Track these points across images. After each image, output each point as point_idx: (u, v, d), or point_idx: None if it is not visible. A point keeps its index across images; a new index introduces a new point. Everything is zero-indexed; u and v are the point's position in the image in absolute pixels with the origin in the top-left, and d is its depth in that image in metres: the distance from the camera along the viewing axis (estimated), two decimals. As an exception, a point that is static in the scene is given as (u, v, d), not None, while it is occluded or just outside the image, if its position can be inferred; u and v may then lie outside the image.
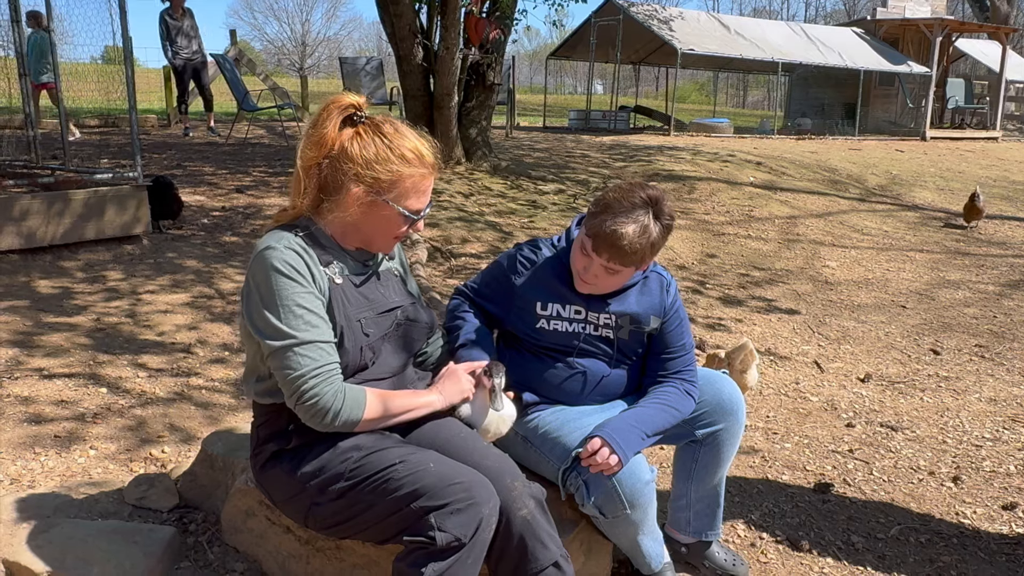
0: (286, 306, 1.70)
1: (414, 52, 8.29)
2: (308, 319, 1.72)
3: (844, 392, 3.97)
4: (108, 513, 2.33)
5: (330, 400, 1.70)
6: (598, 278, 2.05)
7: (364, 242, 1.87)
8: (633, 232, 1.95)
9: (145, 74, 16.77)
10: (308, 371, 1.69)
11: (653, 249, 2.02)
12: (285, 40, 57.65)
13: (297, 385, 1.69)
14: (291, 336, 1.69)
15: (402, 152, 1.77)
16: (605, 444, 1.94)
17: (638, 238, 1.96)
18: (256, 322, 1.72)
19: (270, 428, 1.84)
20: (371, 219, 1.81)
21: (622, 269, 2.03)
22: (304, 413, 1.71)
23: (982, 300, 5.88)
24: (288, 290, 1.71)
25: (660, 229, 2.00)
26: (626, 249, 1.96)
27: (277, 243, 1.74)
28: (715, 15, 18.71)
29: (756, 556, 2.53)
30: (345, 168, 1.76)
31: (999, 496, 2.95)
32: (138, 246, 5.32)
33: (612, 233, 1.95)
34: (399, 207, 1.79)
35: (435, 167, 1.84)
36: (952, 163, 13.08)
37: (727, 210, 8.22)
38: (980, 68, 22.74)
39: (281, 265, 1.71)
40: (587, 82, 20.87)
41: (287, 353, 1.69)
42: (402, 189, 1.78)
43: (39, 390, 3.31)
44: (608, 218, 1.97)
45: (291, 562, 2.10)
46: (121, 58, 5.56)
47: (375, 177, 1.76)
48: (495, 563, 1.79)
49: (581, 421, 2.09)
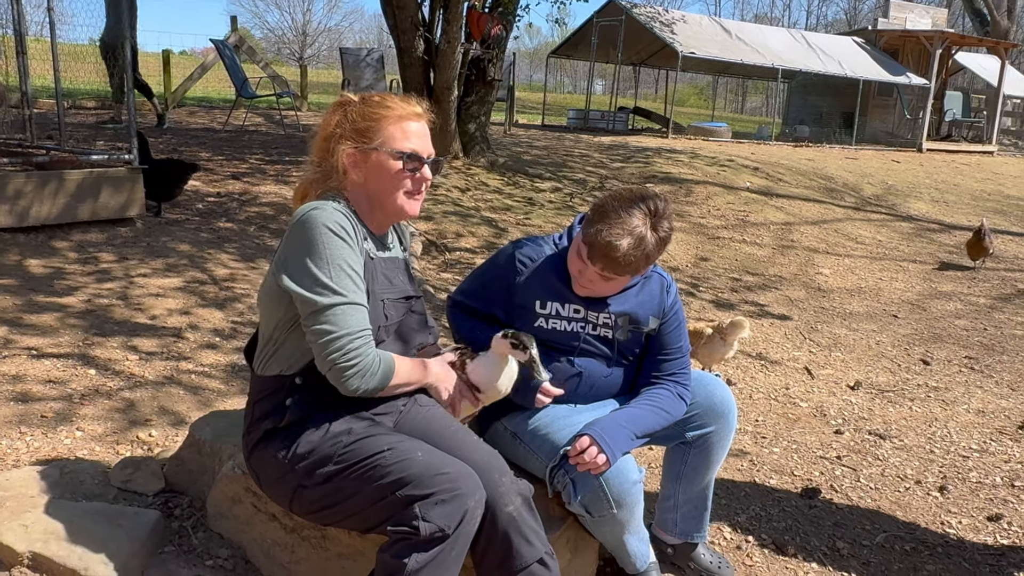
0: (337, 264, 1.71)
1: (415, 45, 8.27)
2: (356, 281, 1.73)
3: (834, 399, 3.98)
4: (93, 495, 2.32)
5: (371, 362, 1.72)
6: (593, 283, 2.05)
7: (382, 209, 1.88)
8: (628, 245, 1.94)
9: (144, 58, 16.68)
10: (355, 331, 1.70)
11: (648, 260, 2.02)
12: (286, 29, 57.41)
13: (342, 344, 1.69)
14: (340, 295, 1.70)
15: (381, 101, 1.84)
16: (594, 443, 1.94)
17: (632, 250, 1.95)
18: (301, 279, 1.71)
19: (268, 403, 1.83)
20: (373, 177, 1.83)
21: (616, 277, 2.03)
22: (340, 374, 1.70)
23: (973, 312, 5.90)
24: (339, 249, 1.72)
25: (656, 241, 1.99)
26: (620, 261, 1.96)
27: (323, 206, 1.76)
28: (717, 19, 18.73)
29: (741, 559, 2.53)
30: (336, 135, 1.84)
31: (984, 507, 2.96)
32: (132, 229, 5.29)
33: (607, 244, 1.94)
34: (388, 149, 1.80)
35: (422, 116, 1.87)
36: (947, 176, 13.12)
37: (723, 214, 8.23)
38: (978, 82, 22.84)
39: (332, 224, 1.72)
40: (586, 82, 20.87)
41: (335, 310, 1.69)
42: (387, 133, 1.81)
43: (28, 369, 3.29)
44: (604, 227, 1.95)
45: (276, 550, 2.09)
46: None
47: (356, 128, 1.82)
48: (480, 558, 1.79)
49: (571, 419, 2.09)
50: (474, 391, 1.96)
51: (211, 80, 15.97)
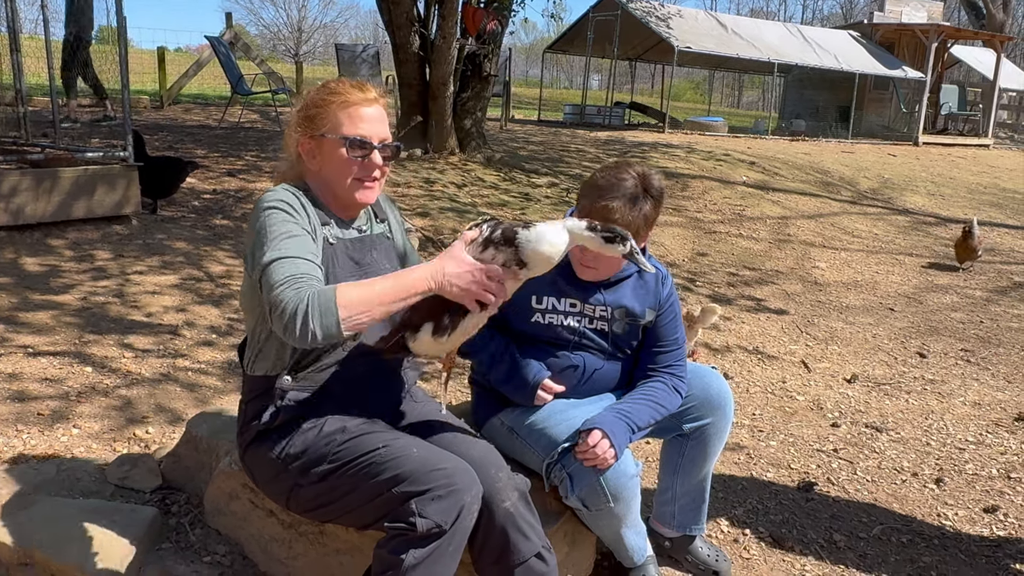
0: (275, 234, 1.65)
1: (411, 41, 8.25)
2: (293, 239, 1.65)
3: (830, 392, 3.98)
4: (90, 492, 2.32)
5: (293, 303, 1.52)
6: (597, 259, 2.04)
7: (336, 198, 1.85)
8: (625, 206, 1.97)
9: (139, 55, 16.63)
10: (280, 281, 1.56)
11: (647, 222, 2.03)
12: (281, 25, 57.27)
13: (271, 300, 1.56)
14: (273, 255, 1.61)
15: (330, 88, 1.83)
16: (605, 436, 1.93)
17: (630, 211, 1.98)
18: (249, 259, 1.68)
19: (259, 403, 1.82)
20: (326, 165, 1.81)
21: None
22: (279, 328, 1.55)
23: (969, 305, 5.91)
24: (279, 220, 1.69)
25: (652, 203, 2.02)
26: (619, 223, 1.95)
27: (273, 190, 1.77)
28: (713, 14, 18.72)
29: (739, 552, 2.53)
30: (292, 124, 1.85)
31: (981, 499, 2.97)
32: (127, 226, 5.28)
33: (604, 208, 1.97)
34: (334, 135, 1.78)
35: (373, 101, 1.83)
36: (944, 169, 13.13)
37: (719, 209, 8.23)
38: (974, 75, 22.83)
39: (275, 202, 1.72)
40: (582, 77, 20.85)
41: (267, 271, 1.59)
42: (334, 119, 1.79)
43: (24, 367, 3.29)
44: (598, 195, 1.99)
45: (273, 546, 2.09)
46: (114, 38, 5.51)
47: (307, 116, 1.81)
48: (478, 553, 1.79)
49: (568, 413, 2.08)
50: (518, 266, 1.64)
51: (206, 77, 15.91)
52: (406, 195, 6.92)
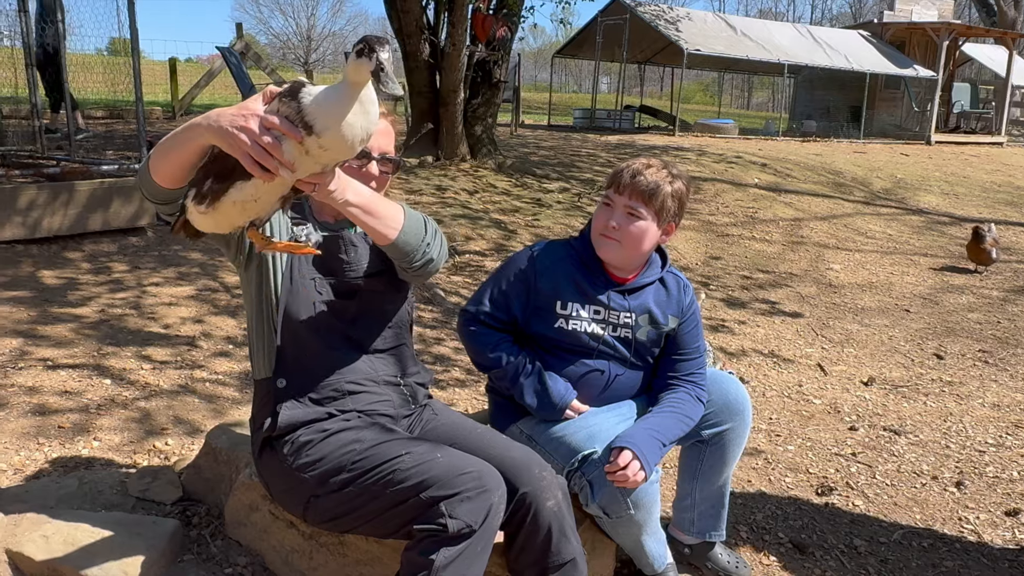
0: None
1: (421, 48, 8.28)
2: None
3: (847, 395, 3.96)
4: (111, 505, 2.33)
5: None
6: (620, 228, 2.05)
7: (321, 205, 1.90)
8: (652, 173, 2.06)
9: (150, 66, 16.75)
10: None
11: (674, 199, 2.08)
12: (290, 34, 57.63)
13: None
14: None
15: None
16: (635, 457, 1.90)
17: (655, 175, 2.05)
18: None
19: (263, 411, 1.88)
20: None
21: (644, 215, 2.05)
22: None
23: (986, 305, 5.87)
24: None
25: (680, 183, 2.09)
26: (643, 184, 2.04)
27: None
28: (722, 16, 18.70)
29: (759, 558, 2.53)
30: None
31: (1002, 502, 2.95)
32: (143, 238, 5.32)
33: (630, 170, 2.06)
34: None
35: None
36: (957, 168, 13.06)
37: (731, 211, 8.22)
38: (986, 73, 22.72)
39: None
40: (590, 81, 20.85)
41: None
42: None
43: (44, 381, 3.31)
44: (626, 167, 2.09)
45: (294, 557, 2.10)
46: (126, 50, 5.56)
47: None
48: (517, 553, 1.78)
49: (587, 421, 2.09)
50: (303, 129, 1.35)
51: (218, 87, 16.01)
52: (418, 203, 6.94)
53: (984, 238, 6.67)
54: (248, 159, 1.35)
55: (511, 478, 1.75)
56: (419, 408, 2.02)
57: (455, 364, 3.96)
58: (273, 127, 1.34)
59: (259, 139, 1.34)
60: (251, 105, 1.38)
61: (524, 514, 1.74)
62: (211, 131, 1.38)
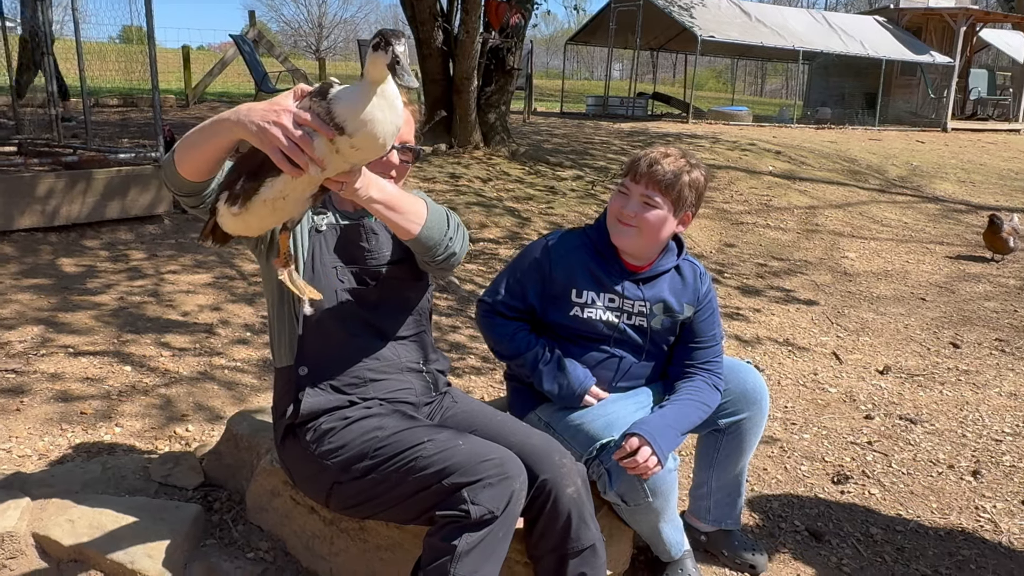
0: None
1: (434, 35, 8.27)
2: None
3: (863, 384, 3.96)
4: (135, 490, 2.37)
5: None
6: (636, 216, 2.06)
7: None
8: (670, 162, 2.06)
9: (164, 54, 16.79)
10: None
11: (692, 189, 2.08)
12: (302, 22, 57.60)
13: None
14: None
15: None
16: (645, 444, 1.91)
17: (673, 164, 2.05)
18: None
19: (285, 399, 1.89)
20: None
21: (660, 204, 2.05)
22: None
23: (1003, 294, 5.83)
24: None
25: (698, 173, 2.09)
26: (660, 174, 2.04)
27: None
28: (736, 2, 18.53)
29: (775, 546, 2.54)
30: None
31: (1019, 491, 2.95)
32: (159, 226, 5.36)
33: (648, 159, 2.06)
34: None
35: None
36: (973, 155, 12.95)
37: (746, 199, 8.18)
38: (1004, 59, 22.47)
39: None
40: (603, 68, 20.75)
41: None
42: None
43: (66, 367, 3.35)
44: (643, 155, 2.09)
45: (315, 542, 2.12)
46: (139, 38, 5.58)
47: None
48: (537, 539, 1.80)
49: (605, 408, 2.10)
50: (334, 128, 1.37)
51: (230, 75, 16.05)
52: (432, 190, 6.94)
53: (1001, 226, 6.62)
54: (279, 154, 1.36)
55: (531, 465, 1.76)
56: (440, 395, 2.03)
57: (471, 352, 3.97)
58: (305, 123, 1.35)
59: (292, 134, 1.34)
60: (283, 101, 1.39)
61: (544, 501, 1.76)
62: (241, 126, 1.39)
